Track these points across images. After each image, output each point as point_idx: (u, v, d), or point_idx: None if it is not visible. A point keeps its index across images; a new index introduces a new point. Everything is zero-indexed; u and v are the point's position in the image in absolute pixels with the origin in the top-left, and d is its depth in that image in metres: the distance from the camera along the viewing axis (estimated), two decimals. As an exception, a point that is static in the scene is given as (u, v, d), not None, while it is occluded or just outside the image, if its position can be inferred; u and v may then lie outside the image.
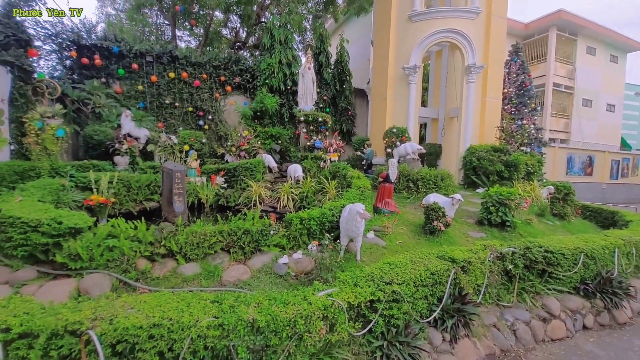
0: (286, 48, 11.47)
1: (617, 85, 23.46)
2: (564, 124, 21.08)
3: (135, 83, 10.07)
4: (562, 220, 7.39)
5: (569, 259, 4.36)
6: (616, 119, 23.71)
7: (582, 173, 17.93)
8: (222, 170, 8.03)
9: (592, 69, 21.88)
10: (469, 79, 9.42)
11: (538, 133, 10.93)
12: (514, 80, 10.96)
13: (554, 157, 16.32)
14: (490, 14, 9.63)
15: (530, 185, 8.34)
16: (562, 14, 19.25)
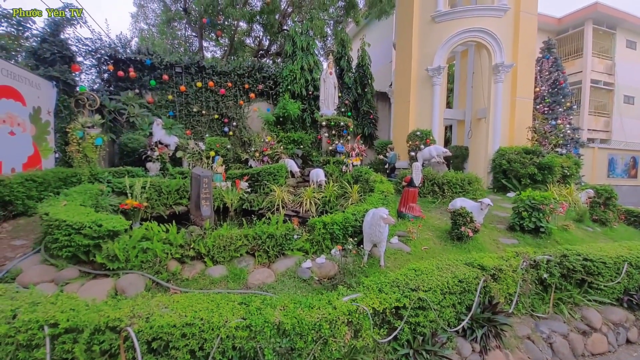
0: (308, 54, 11.64)
1: (663, 79, 21.60)
2: (603, 122, 19.64)
3: (166, 93, 10.63)
4: (603, 226, 6.89)
5: (611, 268, 4.06)
6: (663, 117, 21.80)
7: (626, 175, 16.64)
8: (246, 175, 8.25)
9: (633, 63, 20.31)
10: (497, 78, 9.06)
11: (574, 133, 10.29)
12: (547, 78, 10.41)
13: (593, 159, 15.28)
14: (519, 11, 9.24)
15: (567, 188, 7.85)
16: (599, 7, 18.10)
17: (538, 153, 8.27)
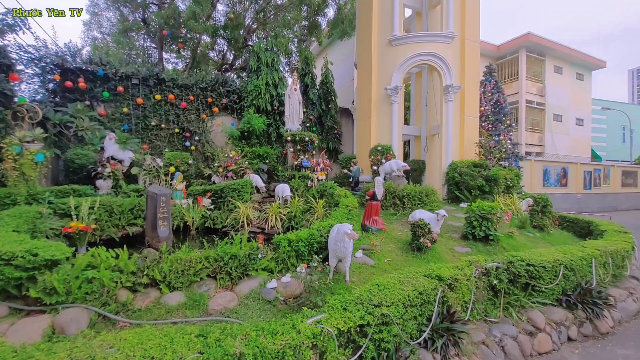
0: (273, 70, 11.75)
1: (585, 101, 25.03)
2: (538, 138, 22.17)
3: (121, 105, 10.04)
4: (542, 231, 7.64)
5: (550, 272, 4.49)
6: (585, 133, 25.12)
7: (558, 184, 18.70)
8: (208, 192, 7.97)
9: (560, 86, 23.37)
10: (448, 98, 9.87)
11: (514, 148, 11.45)
12: (490, 98, 11.56)
13: (531, 170, 17.01)
14: (464, 38, 10.24)
15: (510, 198, 8.63)
16: (530, 37, 20.70)
17: (485, 166, 9.05)
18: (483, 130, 11.10)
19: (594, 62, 24.70)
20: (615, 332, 4.59)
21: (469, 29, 10.26)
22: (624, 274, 5.89)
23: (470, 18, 10.28)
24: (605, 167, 21.42)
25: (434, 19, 11.41)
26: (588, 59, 24.18)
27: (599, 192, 20.62)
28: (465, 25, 10.22)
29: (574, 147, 23.74)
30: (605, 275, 5.32)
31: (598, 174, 20.76)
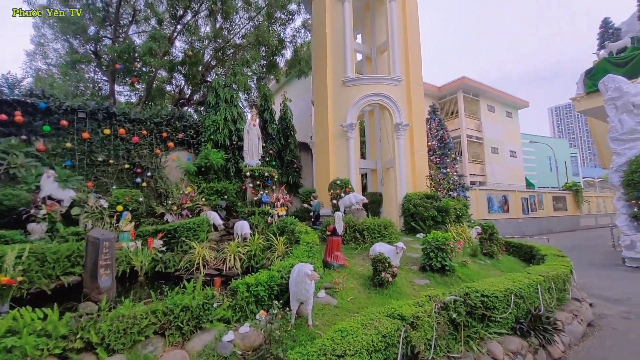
0: (231, 106, 11.82)
1: (515, 135, 28.57)
2: (480, 168, 24.55)
3: (64, 140, 9.26)
4: (491, 258, 8.20)
5: (503, 301, 4.66)
6: (519, 163, 28.38)
7: (501, 211, 20.52)
8: (160, 232, 7.45)
9: (494, 123, 26.59)
10: (399, 135, 10.67)
11: (461, 179, 12.52)
12: (435, 134, 12.74)
13: (476, 199, 18.54)
14: (409, 82, 11.38)
15: (461, 227, 9.25)
16: (465, 80, 23.67)
17: (436, 198, 9.72)
18: (432, 164, 12.04)
19: (519, 102, 28.67)
20: (567, 356, 4.77)
21: (413, 73, 11.45)
22: (566, 297, 6.30)
23: (413, 65, 11.52)
24: (538, 194, 24.10)
25: (382, 63, 12.58)
26: (514, 99, 28.05)
27: (536, 216, 22.95)
28: (409, 71, 11.40)
29: (510, 176, 26.58)
30: (551, 300, 5.63)
31: (533, 200, 23.23)
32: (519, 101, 28.51)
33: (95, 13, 13.39)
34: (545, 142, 35.37)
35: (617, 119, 11.67)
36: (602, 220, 28.70)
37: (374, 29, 13.09)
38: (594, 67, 14.66)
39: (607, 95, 11.95)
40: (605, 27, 16.56)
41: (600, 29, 16.99)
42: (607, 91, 11.98)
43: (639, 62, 12.96)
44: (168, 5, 13.62)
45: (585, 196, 27.88)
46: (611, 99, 11.85)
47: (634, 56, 13.19)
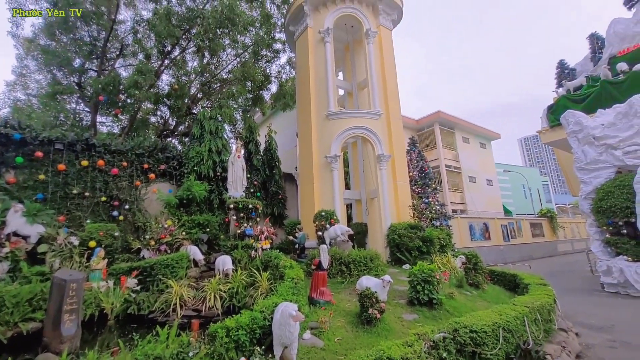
0: (216, 137, 11.85)
1: (490, 165, 29.98)
2: (460, 197, 25.29)
3: (37, 172, 8.88)
4: (477, 289, 8.20)
5: (492, 336, 4.53)
6: (495, 191, 29.49)
7: (483, 238, 20.92)
8: (135, 270, 7.07)
9: (469, 153, 27.93)
10: (381, 166, 10.96)
11: (442, 208, 12.82)
12: (416, 165, 13.19)
13: (458, 227, 18.88)
14: (389, 115, 11.93)
15: (446, 257, 9.31)
16: (440, 114, 25.12)
17: (420, 228, 9.84)
18: (414, 194, 12.33)
19: (491, 134, 30.44)
20: (559, 391, 4.72)
21: (392, 108, 12.04)
22: (553, 327, 6.23)
23: (391, 100, 12.16)
24: (516, 221, 24.86)
25: (363, 98, 13.20)
26: (486, 131, 29.79)
27: (516, 243, 23.49)
28: (388, 105, 12.00)
29: (489, 203, 27.47)
30: (538, 333, 5.52)
31: (512, 227, 23.89)
32: (490, 133, 30.29)
33: (82, 47, 13.52)
34: (518, 171, 37.26)
35: (580, 150, 12.53)
36: (578, 245, 29.72)
37: (354, 67, 13.88)
38: (554, 104, 15.93)
39: (569, 129, 12.91)
40: (561, 67, 18.29)
41: (557, 69, 18.74)
42: (568, 125, 12.96)
43: (594, 98, 14.21)
44: (156, 41, 13.99)
45: (559, 222, 29.02)
46: (573, 132, 12.79)
47: (590, 93, 14.49)
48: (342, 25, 12.88)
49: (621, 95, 12.47)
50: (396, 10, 13.12)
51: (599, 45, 17.27)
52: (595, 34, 17.55)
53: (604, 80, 14.01)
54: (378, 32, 12.37)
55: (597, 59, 16.92)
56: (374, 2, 12.42)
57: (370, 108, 11.65)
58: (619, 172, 11.56)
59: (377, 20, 12.56)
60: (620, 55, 14.94)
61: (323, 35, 11.90)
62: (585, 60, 18.16)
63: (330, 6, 12.13)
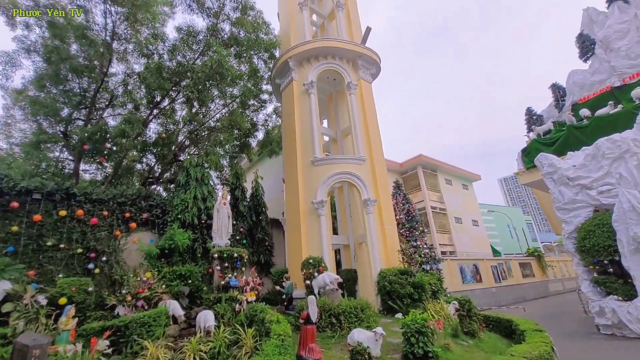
0: (202, 184, 11.80)
1: (473, 206, 30.65)
2: (447, 238, 25.35)
3: (10, 223, 8.48)
4: (473, 337, 7.88)
5: None
6: (481, 232, 29.78)
7: (474, 280, 20.58)
8: (108, 329, 6.48)
9: (453, 194, 28.64)
10: (368, 210, 11.05)
11: (431, 252, 12.73)
12: (402, 208, 13.34)
13: (449, 270, 18.62)
14: (373, 160, 12.32)
15: (438, 303, 9.03)
16: (422, 157, 26.16)
17: (410, 273, 9.65)
18: (402, 238, 12.29)
19: (472, 176, 31.60)
20: None
21: (375, 153, 12.49)
22: None
23: (374, 146, 12.65)
24: (505, 261, 24.79)
25: (347, 144, 13.72)
26: (467, 173, 30.97)
27: (507, 284, 23.16)
28: (372, 151, 12.45)
29: (476, 244, 27.54)
30: None
31: (502, 268, 23.73)
32: (471, 175, 31.48)
33: (72, 97, 13.78)
34: (502, 211, 38.19)
35: (557, 190, 13.09)
36: (568, 284, 29.56)
37: (338, 115, 14.64)
38: (527, 147, 16.98)
39: (544, 171, 13.61)
40: (529, 114, 19.80)
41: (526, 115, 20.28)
42: (543, 167, 13.69)
43: (563, 142, 15.27)
44: (146, 92, 14.48)
45: (547, 261, 29.10)
46: (548, 174, 13.47)
47: (558, 137, 15.60)
48: (325, 78, 13.85)
49: (587, 138, 13.47)
50: (374, 65, 14.29)
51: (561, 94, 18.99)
52: (556, 84, 19.40)
53: (569, 125, 15.22)
54: (358, 84, 13.31)
55: (560, 105, 18.51)
56: (354, 58, 13.54)
57: (354, 154, 12.06)
58: (597, 210, 12.02)
59: (357, 74, 13.58)
60: (582, 102, 16.47)
61: (307, 87, 12.70)
62: (550, 108, 19.81)
63: (314, 62, 13.12)
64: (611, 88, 15.29)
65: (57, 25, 11.89)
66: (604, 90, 15.71)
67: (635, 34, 15.60)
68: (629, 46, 15.54)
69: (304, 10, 14.33)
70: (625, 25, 15.94)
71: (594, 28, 17.46)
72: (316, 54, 13.06)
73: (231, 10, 14.20)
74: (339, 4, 14.65)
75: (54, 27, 11.83)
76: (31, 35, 12.43)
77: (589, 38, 17.23)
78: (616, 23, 16.18)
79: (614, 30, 16.10)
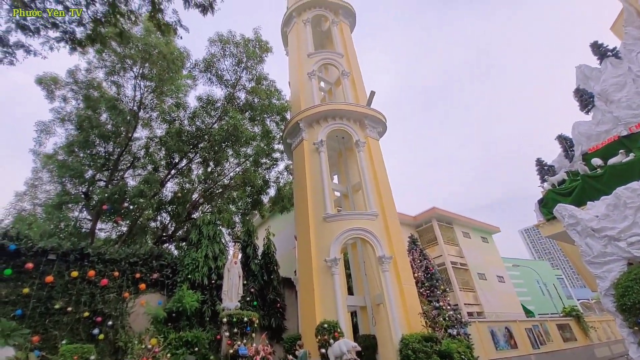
0: (214, 242, 11.77)
1: (496, 259, 28.84)
2: (472, 296, 23.40)
3: (22, 285, 8.50)
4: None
5: None
6: (509, 288, 27.51)
7: (508, 346, 18.36)
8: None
9: (472, 248, 27.10)
10: (383, 268, 10.55)
11: (456, 313, 11.67)
12: (419, 265, 12.66)
13: (478, 334, 16.81)
14: (386, 215, 12.15)
15: (470, 376, 8.00)
16: (436, 210, 25.44)
17: (436, 340, 8.76)
18: (422, 298, 11.44)
19: (490, 228, 30.30)
20: None
21: (387, 208, 12.37)
22: None
23: (386, 201, 12.60)
24: (541, 323, 22.30)
25: (358, 199, 13.75)
26: (485, 225, 29.76)
27: (547, 350, 20.51)
28: (384, 206, 12.36)
29: (505, 303, 25.21)
30: None
31: (538, 330, 21.28)
32: (490, 227, 30.23)
33: (97, 160, 14.76)
34: (528, 265, 35.74)
35: (583, 243, 12.32)
36: (616, 348, 25.92)
37: (348, 171, 14.97)
38: (544, 197, 16.54)
39: (565, 222, 13.00)
40: (540, 165, 19.74)
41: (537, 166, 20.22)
42: (563, 218, 13.11)
43: (580, 192, 14.83)
44: (165, 154, 15.41)
45: (588, 321, 26.07)
46: (570, 225, 12.84)
47: (574, 187, 15.22)
48: (334, 136, 14.53)
49: (604, 187, 13.09)
50: (380, 124, 15.02)
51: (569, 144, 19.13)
52: (562, 135, 19.67)
53: (584, 174, 14.96)
54: (366, 142, 13.85)
55: (570, 155, 18.50)
56: (361, 118, 14.33)
57: (366, 209, 12.00)
58: (630, 263, 11.12)
59: (365, 132, 14.22)
60: (591, 151, 16.40)
61: (317, 145, 13.28)
62: (560, 158, 19.79)
63: (323, 123, 13.93)
64: (619, 137, 15.36)
65: (91, 98, 13.41)
66: (612, 140, 15.75)
67: (632, 86, 16.14)
68: (629, 97, 15.99)
69: (312, 79, 15.69)
70: (621, 79, 16.62)
71: (589, 83, 18.24)
72: (325, 116, 13.94)
73: (246, 81, 15.74)
74: (344, 72, 16.05)
75: (89, 99, 13.34)
76: (67, 106, 13.99)
77: (587, 92, 17.92)
78: (611, 77, 16.91)
79: (610, 84, 16.75)
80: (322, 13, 18.33)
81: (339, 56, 16.62)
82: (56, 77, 13.42)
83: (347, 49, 17.17)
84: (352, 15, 19.17)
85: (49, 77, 13.26)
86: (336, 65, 16.40)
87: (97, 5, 7.49)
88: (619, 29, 18.65)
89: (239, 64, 15.08)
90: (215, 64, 14.95)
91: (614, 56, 17.39)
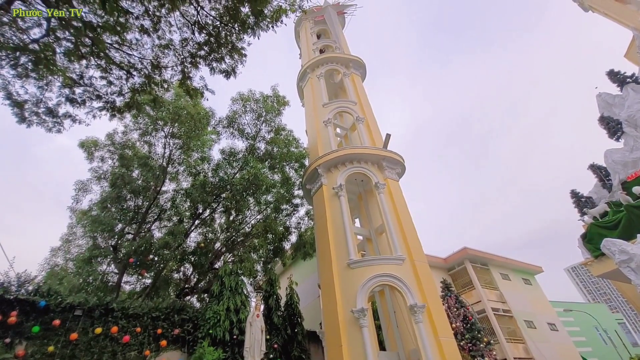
0: (235, 294, 11.47)
1: (543, 304, 25.75)
2: (523, 349, 20.56)
3: (48, 343, 8.49)
4: None
5: None
6: (564, 338, 24.12)
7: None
8: None
9: (514, 291, 24.35)
10: (417, 319, 9.65)
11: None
12: (457, 314, 11.53)
13: (535, 395, 14.51)
14: (413, 259, 11.42)
15: None
16: (467, 250, 23.51)
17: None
18: (464, 352, 10.21)
19: (532, 268, 27.50)
20: None
21: (414, 251, 11.65)
22: None
23: (412, 243, 11.90)
24: (609, 380, 19.07)
25: (382, 243, 13.19)
26: (525, 265, 27.05)
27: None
28: (410, 249, 11.64)
29: (563, 355, 21.96)
30: None
31: (608, 390, 18.11)
32: (531, 267, 27.53)
33: (127, 214, 15.46)
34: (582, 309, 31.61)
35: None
36: None
37: (369, 214, 14.66)
38: (586, 232, 15.18)
39: (617, 259, 11.70)
40: (576, 197, 18.51)
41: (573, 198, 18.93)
42: (613, 255, 11.83)
43: (626, 223, 13.53)
44: (190, 205, 15.94)
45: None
46: (623, 262, 11.52)
47: (619, 219, 13.93)
48: (353, 179, 14.54)
49: (652, 217, 11.94)
50: (399, 165, 14.96)
51: (604, 173, 18.01)
52: (595, 164, 18.65)
53: (627, 204, 13.79)
54: (386, 184, 13.70)
55: (608, 185, 17.30)
56: (378, 160, 14.39)
57: (391, 253, 11.42)
58: None
59: (384, 174, 14.14)
60: (631, 179, 15.33)
61: (337, 190, 13.28)
62: (597, 188, 18.53)
63: (341, 167, 14.08)
64: (658, 162, 14.34)
65: (126, 157, 14.55)
66: (650, 165, 14.75)
67: (659, 109, 15.49)
68: (658, 120, 15.27)
69: (328, 127, 16.29)
70: (646, 104, 16.07)
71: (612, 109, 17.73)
72: (343, 160, 14.13)
73: (266, 132, 16.60)
74: (359, 118, 16.60)
75: (123, 158, 14.48)
76: (104, 165, 15.19)
77: (612, 119, 17.34)
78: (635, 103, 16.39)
79: (637, 109, 16.18)
80: (334, 67, 19.64)
81: (353, 104, 17.36)
82: (96, 141, 14.83)
83: (360, 96, 17.97)
84: (362, 66, 20.38)
85: (90, 141, 14.66)
86: (350, 112, 17.07)
87: (135, 78, 8.45)
88: (632, 55, 18.49)
89: (259, 118, 16.05)
90: (237, 119, 16.01)
91: (634, 82, 17.04)
